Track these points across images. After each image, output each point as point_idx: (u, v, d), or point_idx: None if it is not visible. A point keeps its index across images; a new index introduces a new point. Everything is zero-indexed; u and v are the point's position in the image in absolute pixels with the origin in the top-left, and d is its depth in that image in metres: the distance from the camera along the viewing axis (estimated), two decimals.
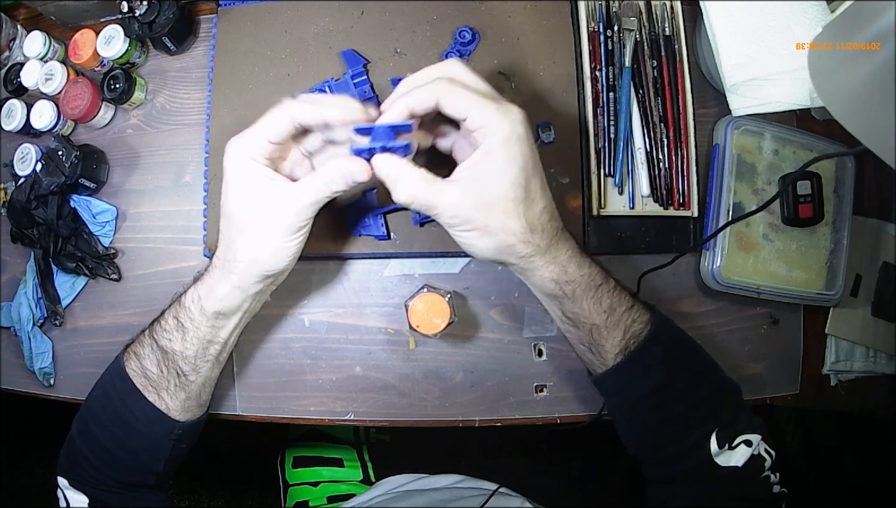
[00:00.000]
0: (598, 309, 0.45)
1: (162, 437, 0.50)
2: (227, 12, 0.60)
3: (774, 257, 0.57)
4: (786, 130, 0.57)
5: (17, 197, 0.58)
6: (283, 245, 0.45)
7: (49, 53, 0.62)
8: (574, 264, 0.45)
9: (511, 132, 0.40)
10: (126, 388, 0.49)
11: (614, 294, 0.46)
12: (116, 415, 0.49)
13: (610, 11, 0.57)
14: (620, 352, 0.46)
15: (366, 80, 0.56)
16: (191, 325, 0.48)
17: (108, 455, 0.49)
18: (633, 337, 0.46)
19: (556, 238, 0.44)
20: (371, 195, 0.55)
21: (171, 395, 0.49)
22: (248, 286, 0.47)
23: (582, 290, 0.45)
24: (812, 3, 0.53)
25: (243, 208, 0.44)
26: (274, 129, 0.43)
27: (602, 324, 0.46)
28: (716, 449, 0.45)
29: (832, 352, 0.61)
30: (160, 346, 0.48)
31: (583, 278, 0.45)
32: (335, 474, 0.79)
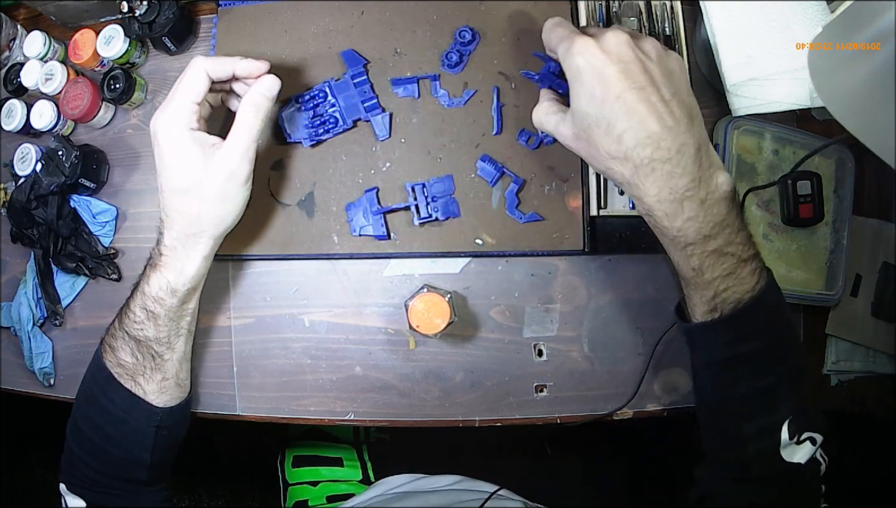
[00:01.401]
0: (686, 265, 0.43)
1: (143, 424, 0.50)
2: (227, 12, 0.60)
3: (774, 257, 0.57)
4: (786, 130, 0.57)
5: (17, 197, 0.58)
6: (243, 197, 0.49)
7: (49, 53, 0.62)
8: (662, 211, 0.41)
9: (572, 67, 0.41)
10: (104, 377, 0.50)
11: (708, 258, 0.42)
12: (98, 406, 0.50)
13: (610, 11, 0.57)
14: (708, 312, 0.44)
15: (366, 80, 0.56)
16: (161, 310, 0.49)
17: (96, 449, 0.50)
18: (725, 302, 0.43)
19: (644, 170, 0.40)
20: (371, 195, 0.55)
21: (148, 379, 0.50)
22: (212, 251, 0.50)
23: (668, 240, 0.43)
24: (812, 3, 0.53)
25: (197, 179, 0.46)
26: (196, 89, 0.47)
27: (689, 280, 0.43)
28: (785, 439, 0.43)
29: (832, 352, 0.61)
30: (132, 336, 0.49)
31: (669, 230, 0.41)
32: (335, 473, 0.79)
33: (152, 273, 0.49)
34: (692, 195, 0.40)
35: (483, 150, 0.55)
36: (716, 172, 0.41)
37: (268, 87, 0.49)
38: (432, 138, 0.56)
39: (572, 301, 0.57)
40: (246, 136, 0.47)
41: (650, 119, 0.39)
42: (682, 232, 0.41)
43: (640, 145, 0.40)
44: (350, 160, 0.56)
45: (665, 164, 0.40)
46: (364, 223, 0.55)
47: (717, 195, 0.41)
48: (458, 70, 0.56)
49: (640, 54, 0.41)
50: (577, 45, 0.41)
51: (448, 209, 0.55)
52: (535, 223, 0.55)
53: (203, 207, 0.47)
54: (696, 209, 0.40)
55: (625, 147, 0.40)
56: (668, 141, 0.39)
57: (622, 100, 0.39)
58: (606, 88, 0.40)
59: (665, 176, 0.40)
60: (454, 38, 0.56)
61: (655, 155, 0.40)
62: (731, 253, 0.42)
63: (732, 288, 0.42)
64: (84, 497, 0.50)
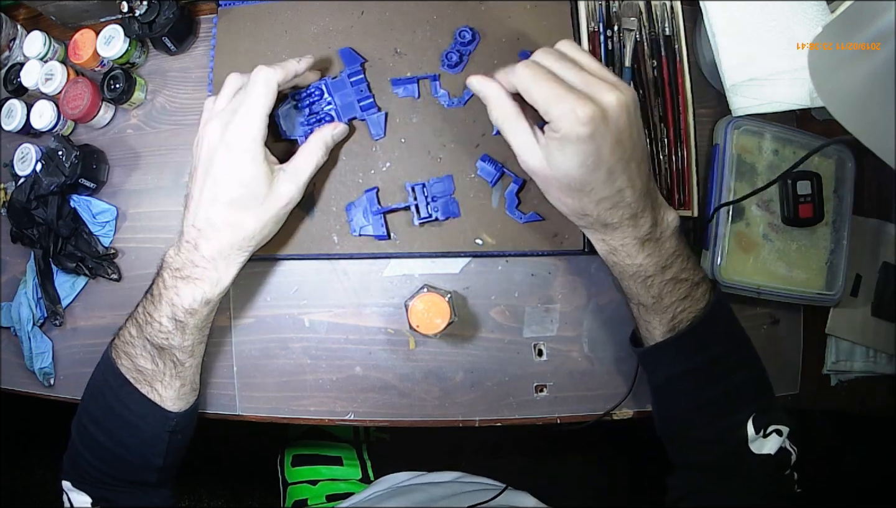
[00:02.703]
0: (646, 294, 0.46)
1: (158, 430, 0.50)
2: (227, 12, 0.60)
3: (774, 257, 0.57)
4: (786, 130, 0.57)
5: (17, 197, 0.58)
6: (283, 219, 0.50)
7: (49, 53, 0.62)
8: (625, 252, 0.45)
9: (571, 133, 0.40)
10: (118, 383, 0.49)
11: (667, 286, 0.45)
12: (111, 412, 0.50)
13: (610, 11, 0.57)
14: (667, 332, 0.46)
15: (363, 78, 0.55)
16: (192, 320, 0.48)
17: (106, 453, 0.50)
18: (682, 322, 0.46)
19: (613, 226, 0.44)
20: (371, 195, 0.55)
21: (166, 385, 0.50)
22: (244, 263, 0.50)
23: (629, 275, 0.46)
24: (812, 3, 0.53)
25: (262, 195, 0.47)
26: (269, 102, 0.47)
27: (649, 306, 0.46)
28: (752, 434, 0.45)
29: (832, 352, 0.61)
30: (156, 345, 0.48)
31: (629, 267, 0.45)
32: (334, 472, 0.79)
33: (184, 285, 0.47)
34: (650, 237, 0.44)
35: (483, 150, 0.55)
36: (665, 212, 0.46)
37: (340, 132, 0.53)
38: (432, 138, 0.56)
39: (572, 301, 0.57)
40: (311, 167, 0.50)
41: (628, 188, 0.43)
42: (642, 267, 0.45)
43: (614, 208, 0.43)
44: (350, 160, 0.56)
45: (630, 219, 0.44)
46: (364, 223, 0.55)
47: (668, 232, 0.45)
48: (458, 70, 0.56)
49: (629, 119, 0.41)
50: (584, 113, 0.39)
51: (448, 209, 0.55)
52: (535, 223, 0.55)
53: (258, 224, 0.48)
54: (653, 247, 0.45)
55: (600, 209, 0.43)
56: (635, 203, 0.43)
57: (610, 172, 0.42)
58: (600, 159, 0.41)
59: (630, 228, 0.44)
60: (454, 38, 0.56)
61: (625, 215, 0.43)
62: (684, 279, 0.46)
63: (689, 308, 0.46)
64: (90, 492, 0.50)
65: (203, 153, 0.47)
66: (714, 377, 0.47)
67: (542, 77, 0.42)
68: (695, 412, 0.48)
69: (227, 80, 0.50)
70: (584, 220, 0.45)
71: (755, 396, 0.47)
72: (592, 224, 0.45)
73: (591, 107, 0.40)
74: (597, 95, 0.40)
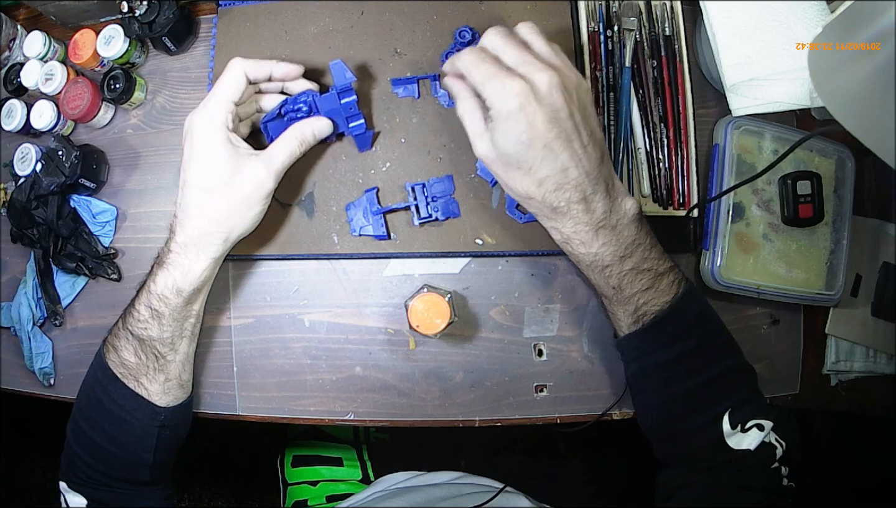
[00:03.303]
0: (606, 285, 0.46)
1: (146, 424, 0.50)
2: (227, 12, 0.60)
3: (774, 257, 0.57)
4: (786, 130, 0.57)
5: (17, 197, 0.58)
6: (262, 209, 0.50)
7: (49, 53, 0.62)
8: (578, 239, 0.45)
9: (503, 109, 0.41)
10: (107, 378, 0.50)
11: (626, 276, 0.45)
12: (101, 406, 0.50)
13: (610, 11, 0.57)
14: (633, 323, 0.46)
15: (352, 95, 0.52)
16: (166, 309, 0.48)
17: (98, 449, 0.50)
18: (647, 314, 0.46)
19: (563, 209, 0.43)
20: (371, 195, 0.55)
21: (151, 379, 0.50)
22: (222, 255, 0.50)
23: (585, 265, 0.46)
24: (812, 3, 0.53)
25: (223, 182, 0.47)
26: (234, 89, 0.47)
27: (611, 298, 0.46)
28: (728, 429, 0.45)
29: (832, 352, 0.61)
30: (136, 336, 0.49)
31: (585, 256, 0.45)
32: (334, 473, 0.79)
33: (159, 271, 0.48)
34: (605, 224, 0.44)
35: None
36: (623, 199, 0.45)
37: (321, 128, 0.51)
38: (432, 138, 0.56)
39: (572, 301, 0.57)
40: (284, 156, 0.49)
41: (572, 167, 0.42)
42: (598, 257, 0.45)
43: (559, 190, 0.43)
44: (350, 160, 0.56)
45: (580, 203, 0.43)
46: (364, 223, 0.55)
47: (626, 220, 0.45)
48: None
49: (567, 98, 0.42)
50: (511, 88, 0.41)
51: (448, 209, 0.55)
52: (535, 223, 0.54)
53: (225, 208, 0.47)
54: (609, 235, 0.44)
55: (544, 190, 0.43)
56: (584, 184, 0.43)
57: (548, 148, 0.42)
58: (534, 134, 0.41)
59: (581, 213, 0.44)
60: (454, 38, 0.56)
61: (573, 197, 0.43)
62: (647, 269, 0.45)
63: (653, 300, 0.46)
64: (85, 494, 0.50)
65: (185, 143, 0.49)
66: (685, 371, 0.46)
67: (480, 59, 0.43)
68: (668, 406, 0.48)
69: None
70: (533, 205, 0.45)
71: (731, 390, 0.47)
72: (541, 210, 0.44)
73: (520, 82, 0.41)
74: (528, 74, 0.42)
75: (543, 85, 0.41)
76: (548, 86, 0.41)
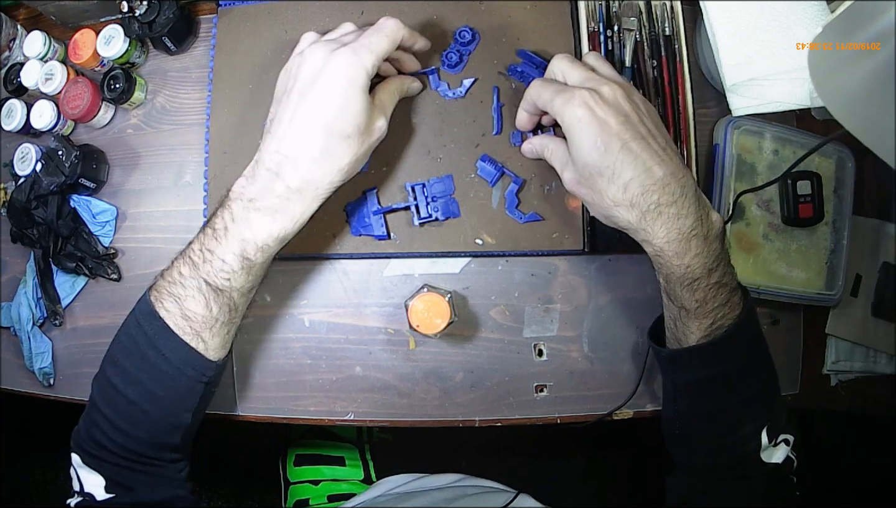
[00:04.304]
0: (690, 298, 0.45)
1: (193, 380, 0.46)
2: (227, 12, 0.60)
3: (774, 257, 0.57)
4: (786, 130, 0.57)
5: (17, 197, 0.58)
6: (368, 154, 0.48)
7: (49, 53, 0.62)
8: (671, 250, 0.43)
9: (571, 118, 0.43)
10: (157, 328, 0.45)
11: (712, 290, 0.44)
12: (143, 359, 0.45)
13: (610, 11, 0.57)
14: (704, 336, 0.46)
15: None
16: (262, 258, 0.45)
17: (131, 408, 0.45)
18: (720, 328, 0.45)
19: (651, 215, 0.42)
20: (371, 195, 0.55)
21: (215, 333, 0.46)
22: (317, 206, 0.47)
23: (676, 278, 0.44)
24: (812, 3, 0.53)
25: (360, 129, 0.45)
26: (387, 48, 0.46)
27: (692, 310, 0.45)
28: (765, 443, 0.45)
29: (832, 352, 0.61)
30: (213, 286, 0.44)
31: (678, 267, 0.43)
32: (336, 473, 0.79)
33: (259, 219, 0.44)
34: (697, 233, 0.43)
35: (483, 150, 0.55)
36: (710, 211, 0.44)
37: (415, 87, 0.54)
38: (432, 138, 0.56)
39: (572, 301, 0.57)
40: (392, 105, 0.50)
41: (655, 166, 0.42)
42: (690, 268, 0.43)
43: (647, 192, 0.42)
44: None
45: (671, 207, 0.42)
46: (364, 223, 0.55)
47: (713, 232, 0.44)
48: (458, 70, 0.56)
49: (635, 107, 0.43)
50: (577, 97, 0.42)
51: (448, 209, 0.55)
52: (535, 223, 0.55)
53: (354, 156, 0.45)
54: (701, 246, 0.43)
55: (631, 194, 0.42)
56: (672, 185, 0.42)
57: (627, 149, 0.42)
58: (610, 137, 0.42)
59: (672, 218, 0.42)
60: (454, 38, 0.56)
61: (662, 200, 0.42)
62: (725, 284, 0.45)
63: (728, 314, 0.45)
64: (102, 471, 0.45)
65: (302, 75, 0.44)
66: (738, 384, 0.46)
67: (546, 83, 0.46)
68: (713, 417, 0.48)
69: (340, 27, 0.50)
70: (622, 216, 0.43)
71: (770, 404, 0.47)
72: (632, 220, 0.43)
73: (586, 91, 0.42)
74: (594, 86, 0.43)
75: (608, 93, 0.43)
76: (613, 94, 0.42)
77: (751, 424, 0.46)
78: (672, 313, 0.48)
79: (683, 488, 0.50)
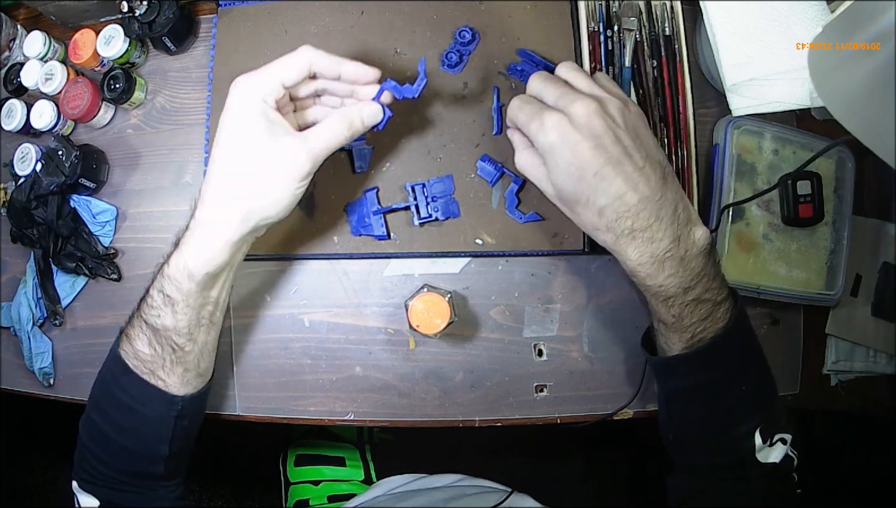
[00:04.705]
0: (667, 313, 0.44)
1: (162, 415, 0.47)
2: (227, 12, 0.60)
3: (774, 257, 0.57)
4: (786, 130, 0.57)
5: (17, 197, 0.58)
6: (292, 193, 0.43)
7: (49, 53, 0.62)
8: (644, 272, 0.43)
9: (545, 145, 0.42)
10: (119, 368, 0.46)
11: (687, 307, 0.44)
12: (114, 398, 0.47)
13: (610, 11, 0.57)
14: (685, 348, 0.46)
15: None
16: (179, 295, 0.44)
17: (110, 443, 0.48)
18: (702, 340, 0.45)
19: (625, 239, 0.42)
20: (371, 195, 0.55)
21: (168, 371, 0.46)
22: (242, 239, 0.44)
23: (651, 295, 0.45)
24: (812, 3, 0.53)
25: (251, 154, 0.42)
26: (291, 73, 0.43)
27: (670, 324, 0.45)
28: (759, 444, 0.45)
29: (832, 352, 0.61)
30: (149, 324, 0.45)
31: (651, 287, 0.43)
32: (336, 473, 0.79)
33: (174, 252, 0.44)
34: (672, 255, 0.42)
35: (483, 150, 0.55)
36: (693, 228, 0.43)
37: (371, 114, 0.45)
38: (432, 138, 0.56)
39: (572, 301, 0.57)
40: (327, 138, 0.43)
41: (630, 192, 0.41)
42: (663, 288, 0.43)
43: (621, 218, 0.42)
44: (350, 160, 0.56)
45: (645, 232, 0.41)
46: (364, 223, 0.55)
47: (695, 250, 0.43)
48: (458, 70, 0.56)
49: (609, 123, 0.41)
50: (548, 122, 0.41)
51: (448, 209, 0.55)
52: (535, 223, 0.55)
53: (249, 184, 0.42)
54: (676, 267, 0.42)
55: (606, 220, 0.42)
56: (647, 210, 0.41)
57: (600, 176, 0.41)
58: (583, 165, 0.41)
59: (646, 242, 0.42)
60: (454, 38, 0.56)
61: (636, 225, 0.41)
62: (707, 299, 0.44)
63: (709, 328, 0.45)
64: (97, 494, 0.48)
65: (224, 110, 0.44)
66: (727, 389, 0.46)
67: (523, 103, 0.44)
68: (705, 422, 0.48)
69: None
70: (600, 237, 0.44)
71: (765, 406, 0.47)
72: (608, 241, 0.43)
73: (556, 115, 0.41)
74: (564, 106, 0.42)
75: (580, 114, 0.41)
76: (585, 114, 0.41)
77: (743, 426, 0.46)
78: (655, 323, 0.48)
79: (683, 488, 0.50)
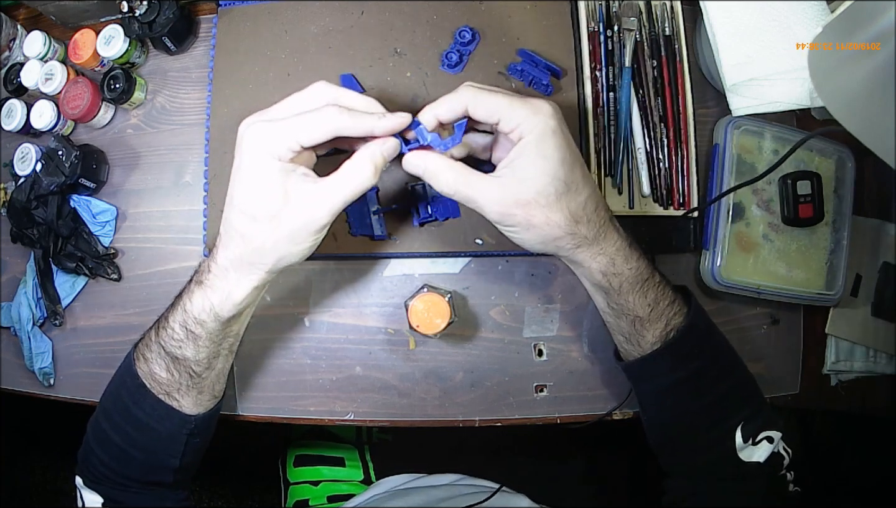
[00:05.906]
0: (642, 303, 0.45)
1: (175, 432, 0.48)
2: (227, 12, 0.60)
3: (774, 256, 0.57)
4: (786, 130, 0.57)
5: (17, 197, 0.58)
6: (313, 241, 0.42)
7: (49, 53, 0.62)
8: (622, 256, 0.44)
9: (545, 128, 0.40)
10: (135, 385, 0.47)
11: (659, 288, 0.45)
12: (127, 412, 0.47)
13: (610, 11, 0.57)
14: (658, 341, 0.46)
15: None
16: (203, 332, 0.45)
17: (121, 453, 0.48)
18: (673, 328, 0.46)
19: (604, 229, 0.43)
20: (371, 195, 0.55)
21: (183, 394, 0.47)
22: (264, 283, 0.45)
23: (629, 284, 0.45)
24: (812, 3, 0.53)
25: (274, 210, 0.40)
26: (311, 135, 0.40)
27: (646, 317, 0.45)
28: (740, 443, 0.45)
29: (832, 352, 0.61)
30: (168, 353, 0.46)
31: (630, 271, 0.44)
32: (336, 473, 0.79)
33: (197, 290, 0.44)
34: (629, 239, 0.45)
35: None
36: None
37: (389, 149, 0.42)
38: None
39: (572, 301, 0.57)
40: (348, 189, 0.40)
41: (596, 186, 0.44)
42: (639, 269, 0.45)
43: (599, 207, 0.43)
44: None
45: (612, 220, 0.44)
46: (364, 223, 0.55)
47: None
48: (458, 70, 0.56)
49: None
50: (544, 107, 0.40)
51: (448, 209, 0.55)
52: None
53: (271, 240, 0.41)
54: (638, 248, 0.45)
55: (588, 212, 0.42)
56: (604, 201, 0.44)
57: (582, 167, 0.42)
58: (573, 154, 0.42)
59: (614, 230, 0.44)
60: (454, 38, 0.56)
61: (608, 215, 0.44)
62: (667, 282, 0.46)
63: (677, 313, 0.46)
64: (101, 492, 0.49)
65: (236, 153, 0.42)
66: (702, 386, 0.47)
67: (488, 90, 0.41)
68: (684, 421, 0.48)
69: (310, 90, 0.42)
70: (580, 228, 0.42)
71: (742, 402, 0.47)
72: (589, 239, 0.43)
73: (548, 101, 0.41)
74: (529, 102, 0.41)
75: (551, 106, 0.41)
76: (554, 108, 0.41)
77: (721, 424, 0.46)
78: (624, 331, 0.47)
79: (675, 489, 0.50)
